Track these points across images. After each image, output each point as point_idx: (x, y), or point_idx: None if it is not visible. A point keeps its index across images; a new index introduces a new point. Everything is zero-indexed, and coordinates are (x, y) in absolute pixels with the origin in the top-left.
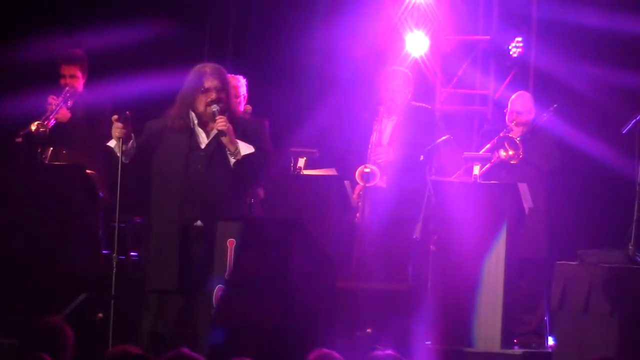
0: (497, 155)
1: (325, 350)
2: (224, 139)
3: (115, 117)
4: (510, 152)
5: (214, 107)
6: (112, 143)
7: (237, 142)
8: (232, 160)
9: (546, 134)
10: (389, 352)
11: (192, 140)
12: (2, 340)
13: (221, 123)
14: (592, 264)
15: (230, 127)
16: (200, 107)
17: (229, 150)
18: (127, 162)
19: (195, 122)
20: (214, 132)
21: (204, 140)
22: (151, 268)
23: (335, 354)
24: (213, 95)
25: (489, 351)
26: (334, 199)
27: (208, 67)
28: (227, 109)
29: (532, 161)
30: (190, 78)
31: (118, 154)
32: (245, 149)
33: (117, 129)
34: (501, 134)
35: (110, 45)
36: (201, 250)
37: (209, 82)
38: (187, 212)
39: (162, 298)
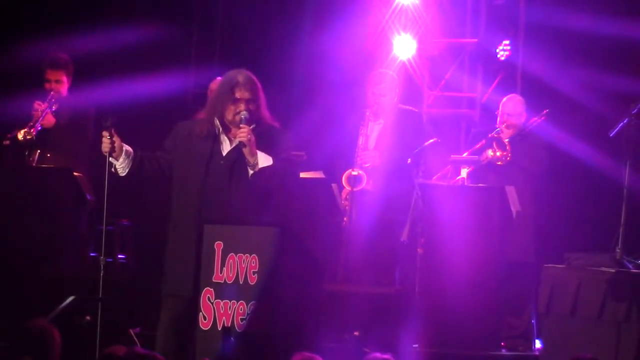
0: (484, 155)
1: (307, 353)
2: (245, 150)
3: (104, 132)
4: (498, 153)
5: (243, 114)
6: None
7: (256, 154)
8: (250, 171)
9: (536, 137)
10: (387, 356)
11: (215, 147)
12: None
13: (242, 134)
14: (579, 267)
15: (252, 139)
16: (229, 116)
17: (248, 162)
18: (124, 175)
19: (220, 129)
20: (237, 140)
21: (226, 147)
22: (167, 273)
23: (318, 357)
24: (242, 107)
25: (476, 354)
26: (322, 202)
27: (241, 76)
28: (256, 120)
29: (520, 165)
30: (221, 85)
31: (112, 169)
32: (264, 160)
33: (104, 143)
34: (490, 135)
35: (96, 48)
36: None
37: (240, 93)
38: (204, 219)
39: (177, 302)
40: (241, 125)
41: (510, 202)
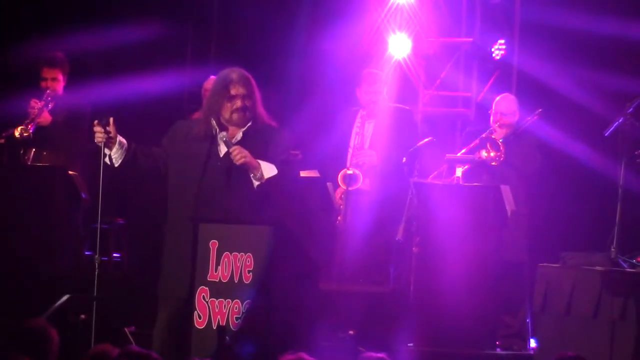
0: (478, 155)
1: (295, 354)
2: (247, 167)
3: (96, 122)
4: (492, 154)
5: (221, 135)
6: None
7: (259, 166)
8: (256, 183)
9: (529, 137)
10: (381, 355)
11: (212, 148)
12: None
13: (237, 157)
14: (574, 267)
15: (248, 156)
16: (226, 115)
17: (254, 176)
18: (117, 166)
19: (217, 129)
20: (234, 139)
21: (223, 148)
22: (164, 275)
23: (305, 356)
24: (238, 103)
25: (471, 353)
26: (317, 201)
27: (234, 74)
28: (252, 117)
29: (513, 163)
30: (216, 84)
31: (105, 160)
32: (269, 170)
33: (97, 134)
34: (484, 135)
35: (92, 46)
36: None
37: (235, 90)
38: (201, 219)
39: (174, 302)
40: (230, 150)
41: (506, 201)
